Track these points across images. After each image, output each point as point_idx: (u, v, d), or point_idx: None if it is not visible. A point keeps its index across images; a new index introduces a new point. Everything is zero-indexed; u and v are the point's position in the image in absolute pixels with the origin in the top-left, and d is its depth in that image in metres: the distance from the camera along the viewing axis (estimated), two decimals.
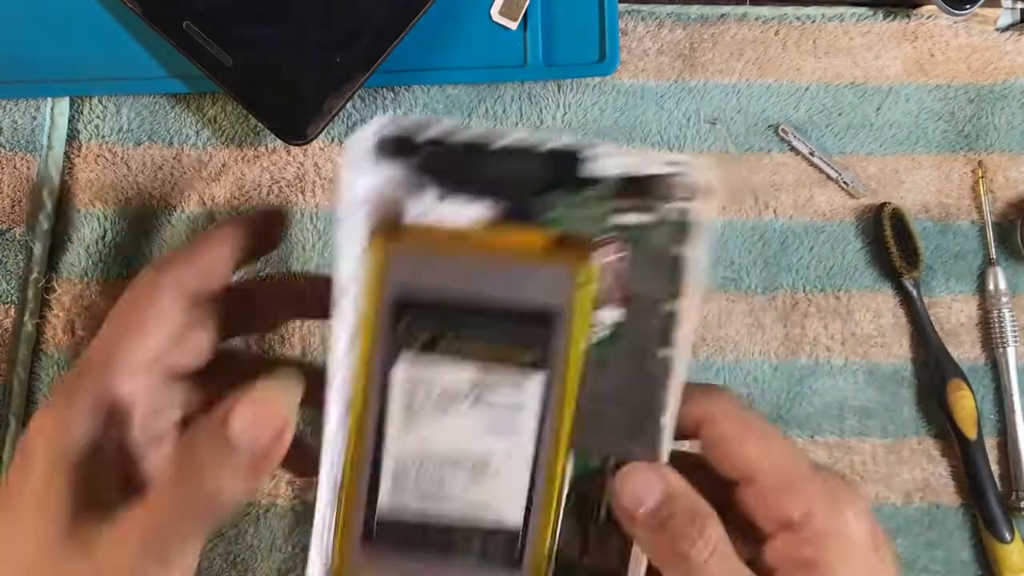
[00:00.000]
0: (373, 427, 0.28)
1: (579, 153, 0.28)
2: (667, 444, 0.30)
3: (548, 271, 0.29)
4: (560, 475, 0.30)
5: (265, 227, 0.34)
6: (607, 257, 0.29)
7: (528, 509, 0.29)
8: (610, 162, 0.28)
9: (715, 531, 0.30)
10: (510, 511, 0.29)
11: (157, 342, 0.30)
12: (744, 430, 0.31)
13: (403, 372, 0.28)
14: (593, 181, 0.29)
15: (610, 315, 0.30)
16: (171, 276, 0.31)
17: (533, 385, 0.29)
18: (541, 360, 0.29)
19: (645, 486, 0.30)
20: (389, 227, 0.28)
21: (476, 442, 0.29)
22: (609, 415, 0.30)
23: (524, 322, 0.28)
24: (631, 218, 0.29)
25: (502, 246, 0.29)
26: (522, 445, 0.29)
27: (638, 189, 0.29)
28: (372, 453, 0.28)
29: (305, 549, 0.46)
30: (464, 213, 0.28)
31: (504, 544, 0.29)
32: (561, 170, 0.29)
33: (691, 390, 0.31)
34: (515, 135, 0.28)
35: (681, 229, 0.29)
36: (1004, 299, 0.48)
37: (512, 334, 0.29)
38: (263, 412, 0.28)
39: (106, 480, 0.29)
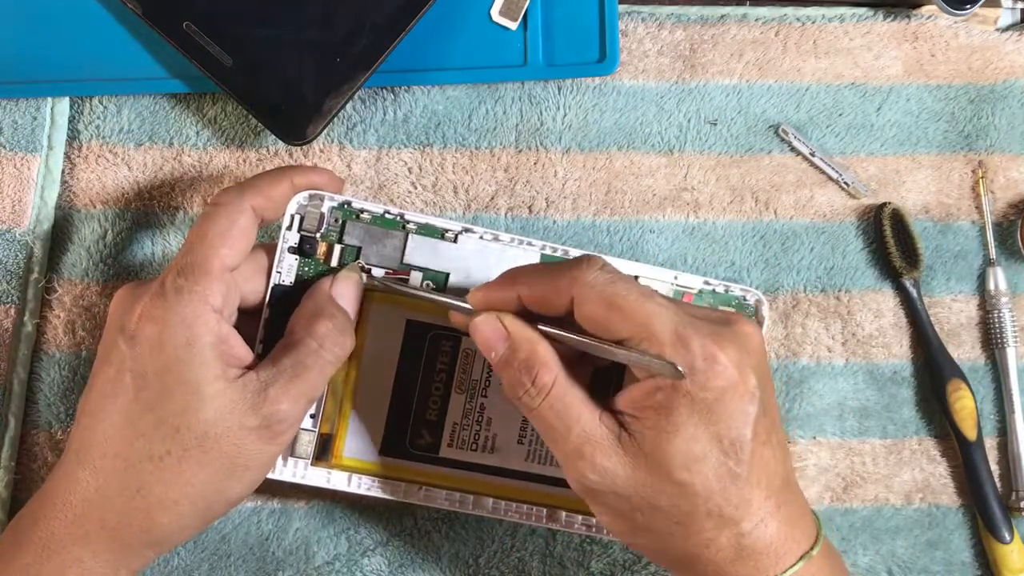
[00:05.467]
0: None
1: None
2: None
3: (372, 325, 0.42)
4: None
5: (325, 184, 0.41)
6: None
7: None
8: None
9: (548, 378, 0.35)
10: None
11: (238, 251, 0.37)
12: (607, 310, 0.34)
13: None
14: None
15: (413, 279, 0.41)
16: (249, 200, 0.38)
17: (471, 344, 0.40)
18: (448, 339, 0.42)
19: (493, 335, 0.36)
20: None
21: None
22: None
23: (413, 353, 0.43)
24: None
25: None
26: None
27: None
28: None
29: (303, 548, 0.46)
30: None
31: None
32: None
33: (555, 272, 0.35)
34: None
35: None
36: (1004, 299, 0.48)
37: (422, 366, 0.43)
38: (351, 282, 0.40)
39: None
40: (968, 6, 0.48)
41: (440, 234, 0.41)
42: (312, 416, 0.41)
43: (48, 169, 0.46)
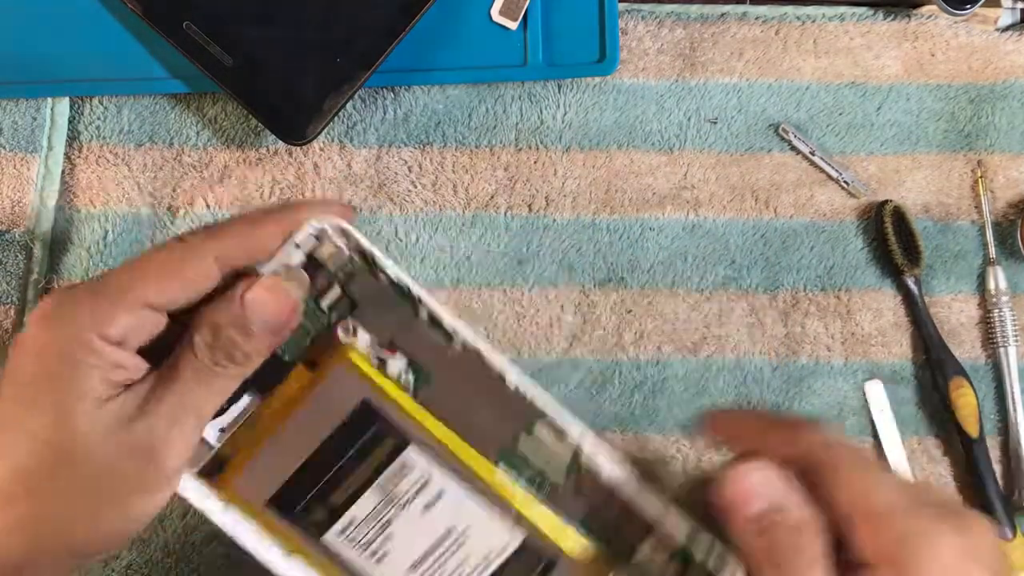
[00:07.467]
0: None
1: None
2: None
3: (331, 382, 0.34)
4: (498, 483, 0.33)
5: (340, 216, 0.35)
6: (347, 335, 0.34)
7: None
8: None
9: (817, 549, 0.29)
10: (497, 541, 0.33)
11: (169, 300, 0.33)
12: (834, 476, 0.29)
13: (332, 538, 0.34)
14: None
15: (395, 364, 0.34)
16: (214, 249, 0.33)
17: (413, 457, 0.34)
18: (394, 439, 0.34)
19: (759, 487, 0.30)
20: None
21: (431, 529, 0.34)
22: None
23: (352, 432, 0.34)
24: None
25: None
26: (455, 495, 0.33)
27: None
28: None
29: None
30: None
31: (522, 563, 0.33)
32: None
33: (781, 424, 0.31)
34: None
35: None
36: (1004, 298, 0.48)
37: (355, 448, 0.34)
38: (274, 292, 0.33)
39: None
40: (968, 6, 0.48)
41: (449, 338, 0.34)
42: (222, 430, 0.36)
43: (48, 169, 0.46)
